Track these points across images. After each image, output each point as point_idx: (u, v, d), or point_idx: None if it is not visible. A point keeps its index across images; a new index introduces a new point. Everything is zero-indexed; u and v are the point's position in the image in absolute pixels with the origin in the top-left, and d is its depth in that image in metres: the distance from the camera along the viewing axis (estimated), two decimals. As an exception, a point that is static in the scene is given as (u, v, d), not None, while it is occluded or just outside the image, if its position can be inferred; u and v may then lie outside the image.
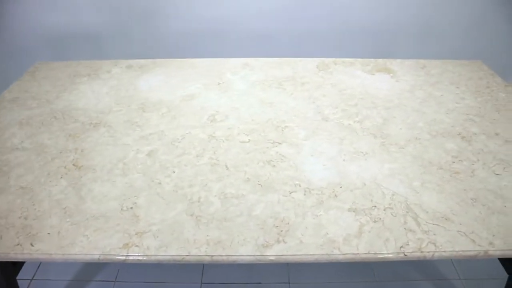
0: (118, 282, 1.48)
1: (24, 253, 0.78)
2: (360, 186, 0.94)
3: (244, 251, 0.78)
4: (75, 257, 0.78)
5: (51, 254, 0.78)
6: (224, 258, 0.77)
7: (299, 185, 0.94)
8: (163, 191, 0.92)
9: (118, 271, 1.52)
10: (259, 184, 0.94)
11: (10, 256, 0.78)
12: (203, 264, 1.21)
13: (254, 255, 0.77)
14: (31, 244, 0.79)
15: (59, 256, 0.78)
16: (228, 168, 0.99)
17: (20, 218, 0.85)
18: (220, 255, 0.77)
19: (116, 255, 0.77)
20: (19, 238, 0.81)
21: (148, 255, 0.77)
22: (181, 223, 0.84)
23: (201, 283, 1.47)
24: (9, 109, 1.25)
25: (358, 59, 1.56)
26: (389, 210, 0.87)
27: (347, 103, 1.28)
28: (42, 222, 0.84)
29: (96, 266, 1.54)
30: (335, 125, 1.16)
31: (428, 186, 0.94)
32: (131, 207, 0.88)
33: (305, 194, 0.91)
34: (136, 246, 0.79)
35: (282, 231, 0.82)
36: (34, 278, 1.50)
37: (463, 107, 1.26)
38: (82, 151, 1.06)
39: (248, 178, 0.96)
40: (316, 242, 0.80)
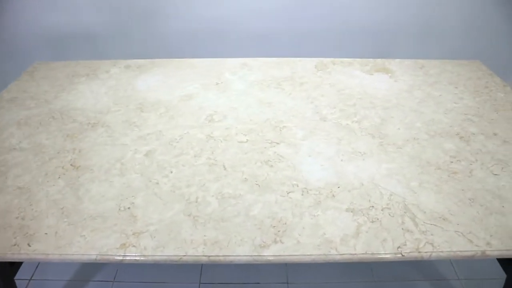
0: (116, 282, 1.48)
1: (21, 253, 0.78)
2: (358, 186, 0.94)
3: (241, 251, 0.78)
4: (72, 257, 0.77)
5: (48, 254, 0.78)
6: (221, 258, 0.77)
7: (296, 185, 0.94)
8: (160, 191, 0.92)
9: (117, 271, 1.52)
10: (256, 184, 0.94)
11: (7, 257, 0.78)
12: (201, 264, 1.20)
13: (251, 255, 0.77)
14: (28, 244, 0.79)
15: (56, 257, 0.78)
16: (225, 168, 0.99)
17: (17, 218, 0.85)
18: (217, 255, 0.77)
19: (113, 255, 0.77)
20: (16, 238, 0.81)
21: (145, 255, 0.77)
22: (178, 223, 0.84)
23: (199, 283, 1.47)
24: (7, 109, 1.25)
25: (357, 59, 1.56)
26: (386, 210, 0.87)
27: (345, 103, 1.27)
28: (39, 222, 0.84)
29: (94, 266, 1.54)
30: (333, 125, 1.16)
31: (426, 186, 0.94)
32: (129, 207, 0.88)
33: (302, 194, 0.91)
34: (133, 246, 0.79)
35: (279, 231, 0.82)
36: (32, 278, 1.50)
37: (462, 107, 1.26)
38: (80, 151, 1.06)
39: (245, 178, 0.96)
40: (313, 242, 0.79)
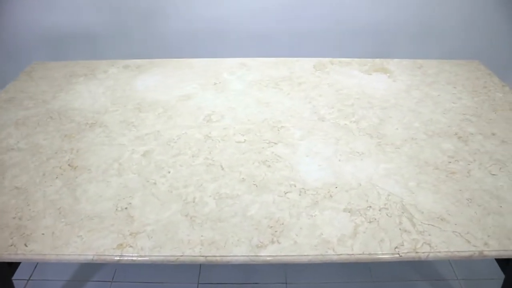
0: (115, 282, 1.48)
1: (18, 253, 0.78)
2: (356, 187, 0.93)
3: (238, 251, 0.78)
4: (68, 257, 0.77)
5: (45, 254, 0.78)
6: (218, 258, 0.77)
7: (294, 185, 0.94)
8: (158, 191, 0.92)
9: (115, 271, 1.52)
10: (254, 184, 0.94)
11: (4, 257, 0.78)
12: (200, 264, 1.20)
13: (248, 256, 0.77)
14: (25, 245, 0.79)
15: (52, 257, 0.78)
16: (223, 169, 0.99)
17: (14, 218, 0.85)
18: (214, 256, 0.77)
19: (110, 256, 0.77)
20: (13, 238, 0.81)
21: (142, 256, 0.77)
22: (175, 224, 0.84)
23: (198, 283, 1.47)
24: (5, 109, 1.25)
25: (355, 59, 1.56)
26: (384, 210, 0.87)
27: (344, 103, 1.27)
28: (37, 222, 0.84)
29: (93, 266, 1.54)
30: (331, 125, 1.16)
31: (424, 187, 0.94)
32: (126, 208, 0.88)
33: (300, 195, 0.91)
34: (130, 246, 0.79)
35: (276, 231, 0.82)
36: (31, 278, 1.50)
37: (460, 107, 1.26)
38: (77, 151, 1.05)
39: (243, 178, 0.96)
40: (310, 242, 0.79)
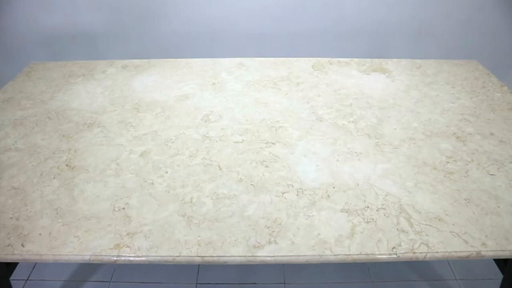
0: (113, 282, 1.48)
1: (14, 254, 0.78)
2: (353, 187, 0.93)
3: (235, 252, 0.77)
4: (66, 257, 0.77)
5: (42, 255, 0.77)
6: (215, 259, 0.77)
7: (291, 185, 0.94)
8: (155, 191, 0.92)
9: (114, 271, 1.52)
10: (251, 184, 0.94)
11: (0, 257, 0.78)
12: (198, 264, 1.20)
13: (245, 256, 0.77)
14: (22, 245, 0.79)
15: (49, 257, 0.77)
16: (221, 169, 0.99)
17: (11, 218, 0.85)
18: (211, 256, 0.77)
19: (107, 256, 0.77)
20: (10, 239, 0.80)
21: (139, 256, 0.77)
22: (172, 224, 0.83)
23: (196, 284, 1.47)
24: (3, 109, 1.25)
25: (354, 59, 1.56)
26: (382, 210, 0.87)
27: (342, 103, 1.27)
28: (34, 222, 0.84)
29: (91, 266, 1.54)
30: (329, 125, 1.16)
31: (422, 187, 0.93)
32: (123, 208, 0.88)
33: (297, 195, 0.91)
34: (127, 246, 0.79)
35: (273, 231, 0.82)
36: (29, 278, 1.50)
37: (458, 107, 1.26)
38: (75, 152, 1.05)
39: (240, 178, 0.96)
40: (307, 243, 0.79)
